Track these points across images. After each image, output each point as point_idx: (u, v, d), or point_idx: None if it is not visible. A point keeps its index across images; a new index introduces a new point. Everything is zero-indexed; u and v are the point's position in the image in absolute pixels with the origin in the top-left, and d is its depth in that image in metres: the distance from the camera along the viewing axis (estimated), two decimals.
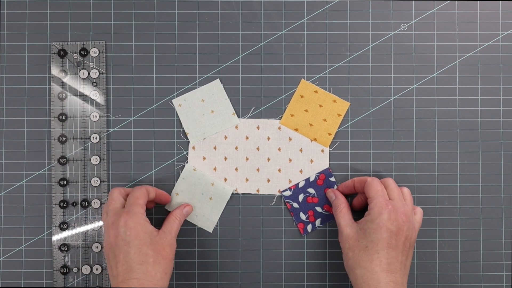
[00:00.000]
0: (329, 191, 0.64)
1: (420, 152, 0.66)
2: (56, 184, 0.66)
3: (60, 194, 0.66)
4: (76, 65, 0.67)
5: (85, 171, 0.66)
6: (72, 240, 0.66)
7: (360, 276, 0.56)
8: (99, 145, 0.66)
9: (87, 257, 0.66)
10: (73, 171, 0.66)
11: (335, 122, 0.66)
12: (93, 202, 0.66)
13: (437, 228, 0.66)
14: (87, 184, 0.66)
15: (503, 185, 0.66)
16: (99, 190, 0.66)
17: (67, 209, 0.66)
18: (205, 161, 0.66)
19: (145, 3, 0.67)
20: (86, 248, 0.66)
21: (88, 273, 0.66)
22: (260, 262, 0.66)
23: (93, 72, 0.66)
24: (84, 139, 0.66)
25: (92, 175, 0.66)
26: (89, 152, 0.66)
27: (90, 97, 0.66)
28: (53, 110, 0.66)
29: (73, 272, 0.66)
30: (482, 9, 0.66)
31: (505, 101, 0.66)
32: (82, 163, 0.66)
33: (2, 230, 0.66)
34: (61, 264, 0.66)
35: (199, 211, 0.66)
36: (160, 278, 0.56)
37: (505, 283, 0.65)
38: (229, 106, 0.66)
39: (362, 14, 0.67)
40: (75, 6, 0.67)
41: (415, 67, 0.66)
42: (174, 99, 0.66)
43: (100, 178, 0.66)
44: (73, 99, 0.66)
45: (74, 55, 0.67)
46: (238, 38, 0.67)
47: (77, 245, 0.66)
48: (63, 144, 0.66)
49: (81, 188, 0.66)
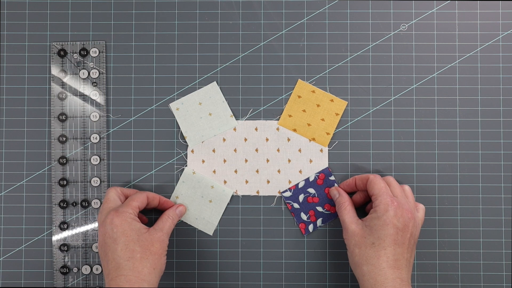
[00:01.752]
0: (332, 189, 0.64)
1: (420, 152, 0.66)
2: (56, 184, 0.66)
3: (60, 194, 0.66)
4: (76, 65, 0.67)
5: (85, 171, 0.66)
6: (72, 240, 0.66)
7: (367, 272, 0.56)
8: (99, 145, 0.66)
9: (87, 257, 0.66)
10: (73, 171, 0.66)
11: (333, 121, 0.66)
12: (93, 202, 0.66)
13: (437, 228, 0.66)
14: (87, 184, 0.66)
15: (503, 185, 0.66)
16: (99, 190, 0.66)
17: (67, 209, 0.66)
18: (204, 164, 0.66)
19: (145, 3, 0.67)
20: (86, 248, 0.66)
21: (88, 273, 0.66)
22: (260, 262, 0.66)
23: (93, 72, 0.66)
24: (84, 139, 0.66)
25: (92, 175, 0.66)
26: (89, 152, 0.66)
27: (90, 97, 0.66)
28: (53, 110, 0.66)
29: (73, 272, 0.66)
30: (482, 9, 0.66)
31: (505, 101, 0.66)
32: (82, 163, 0.66)
33: (2, 230, 0.66)
34: (61, 264, 0.66)
35: (199, 214, 0.66)
36: (147, 273, 0.56)
37: (505, 283, 0.65)
38: (226, 109, 0.66)
39: (362, 14, 0.67)
40: (75, 6, 0.67)
41: (415, 67, 0.66)
42: (172, 103, 0.66)
43: (100, 178, 0.66)
44: (73, 99, 0.66)
45: (74, 55, 0.67)
46: (238, 38, 0.67)
47: (77, 245, 0.66)
48: (63, 144, 0.66)
49: (81, 188, 0.66)
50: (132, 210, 0.59)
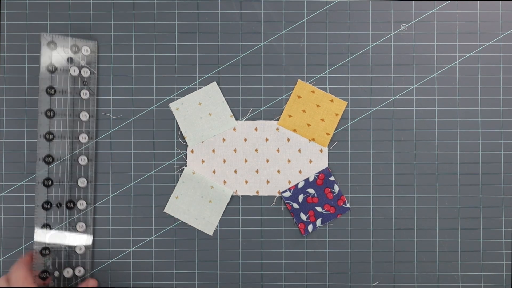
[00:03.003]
0: None
1: (420, 152, 0.66)
2: (40, 184, 0.65)
3: (44, 194, 0.65)
4: (67, 61, 0.66)
5: (72, 172, 0.66)
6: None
7: None
8: (87, 145, 0.66)
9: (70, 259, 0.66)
10: (59, 171, 0.65)
11: (333, 121, 0.66)
12: (78, 203, 0.65)
13: (437, 228, 0.66)
14: (73, 184, 0.66)
15: (503, 185, 0.66)
16: (85, 191, 0.66)
17: (50, 210, 0.65)
18: (204, 164, 0.66)
19: (145, 3, 0.67)
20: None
21: (70, 276, 0.65)
22: (260, 263, 0.66)
23: (84, 70, 0.66)
24: (73, 139, 0.66)
25: (79, 176, 0.66)
26: (77, 153, 0.66)
27: (81, 96, 0.66)
28: (40, 106, 0.65)
29: (54, 276, 0.65)
30: (482, 9, 0.66)
31: (505, 101, 0.66)
32: (69, 164, 0.65)
33: (2, 230, 0.67)
34: (42, 268, 0.65)
35: (199, 214, 0.66)
36: None
37: (505, 283, 0.65)
38: (226, 109, 0.66)
39: (362, 14, 0.67)
40: (75, 6, 0.67)
41: (415, 67, 0.66)
42: (171, 103, 0.66)
43: (88, 179, 0.66)
44: (61, 97, 0.65)
45: (65, 50, 0.66)
46: (238, 38, 0.67)
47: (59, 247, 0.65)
48: (50, 142, 0.65)
49: (67, 189, 0.66)
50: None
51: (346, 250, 0.66)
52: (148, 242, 0.66)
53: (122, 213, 0.66)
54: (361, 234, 0.66)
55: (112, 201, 0.67)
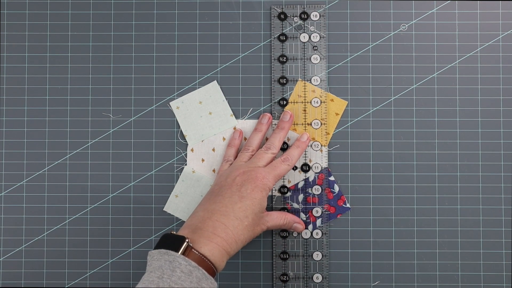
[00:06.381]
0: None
1: (420, 152, 0.66)
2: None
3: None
4: (296, 29, 0.66)
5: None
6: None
7: None
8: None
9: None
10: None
11: (333, 121, 0.66)
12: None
13: (437, 228, 0.66)
14: None
15: (503, 185, 0.66)
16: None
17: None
18: (204, 163, 0.66)
19: (145, 3, 0.67)
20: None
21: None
22: (260, 263, 0.66)
23: (313, 36, 0.66)
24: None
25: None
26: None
27: (311, 61, 0.66)
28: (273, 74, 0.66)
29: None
30: (482, 9, 0.66)
31: (505, 101, 0.66)
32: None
33: (2, 230, 0.66)
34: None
35: None
36: (237, 240, 0.56)
37: (505, 283, 0.65)
38: (226, 108, 0.66)
39: (362, 14, 0.67)
40: (75, 6, 0.67)
41: (415, 67, 0.66)
42: (172, 102, 0.66)
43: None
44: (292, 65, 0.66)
45: (294, 18, 0.66)
46: (238, 38, 0.67)
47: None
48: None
49: None
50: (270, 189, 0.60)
51: (346, 250, 0.66)
52: (148, 242, 0.66)
53: (122, 213, 0.66)
54: (361, 234, 0.66)
55: (112, 201, 0.66)
